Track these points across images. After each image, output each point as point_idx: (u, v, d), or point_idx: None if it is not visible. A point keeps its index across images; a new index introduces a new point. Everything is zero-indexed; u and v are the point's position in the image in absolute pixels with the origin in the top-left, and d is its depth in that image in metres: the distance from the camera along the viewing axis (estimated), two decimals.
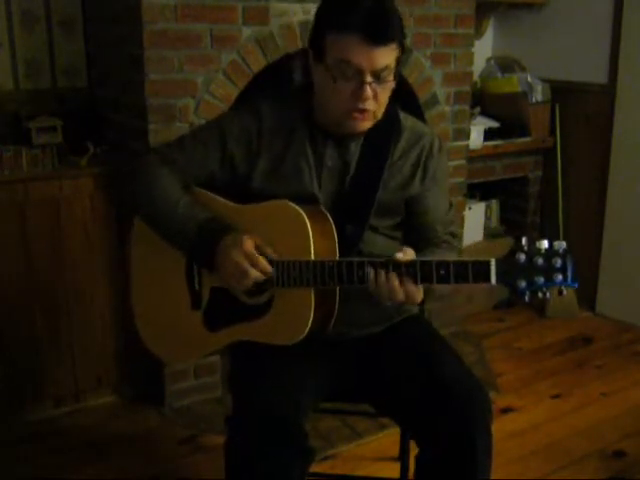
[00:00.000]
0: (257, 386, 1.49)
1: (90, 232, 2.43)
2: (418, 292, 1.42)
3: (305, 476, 1.49)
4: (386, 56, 1.43)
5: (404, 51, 1.50)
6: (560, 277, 1.30)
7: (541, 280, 1.31)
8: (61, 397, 2.51)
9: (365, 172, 1.58)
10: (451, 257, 1.46)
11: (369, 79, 1.43)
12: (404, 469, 1.91)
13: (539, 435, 2.43)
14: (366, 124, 1.51)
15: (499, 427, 2.34)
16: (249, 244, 1.47)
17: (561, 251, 1.30)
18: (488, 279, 1.34)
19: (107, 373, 2.56)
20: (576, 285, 1.32)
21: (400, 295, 1.40)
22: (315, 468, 2.09)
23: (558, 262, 1.30)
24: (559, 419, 2.53)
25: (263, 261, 1.47)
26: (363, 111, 1.47)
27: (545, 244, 1.31)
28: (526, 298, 1.34)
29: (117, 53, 2.42)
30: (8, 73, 2.53)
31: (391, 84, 1.49)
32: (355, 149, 1.58)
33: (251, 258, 1.46)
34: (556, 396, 2.69)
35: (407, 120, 1.64)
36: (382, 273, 1.40)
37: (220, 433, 1.49)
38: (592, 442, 2.38)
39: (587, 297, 3.44)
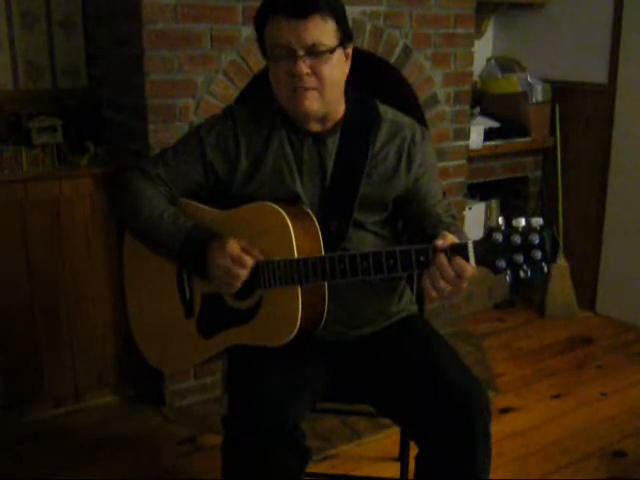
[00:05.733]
0: (253, 386, 1.49)
1: (90, 232, 2.43)
2: (467, 267, 1.32)
3: (302, 476, 1.49)
4: (314, 30, 1.43)
5: (341, 24, 1.47)
6: (539, 253, 1.27)
7: (520, 258, 1.28)
8: (61, 397, 2.51)
9: (346, 166, 1.57)
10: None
11: (300, 53, 1.43)
12: (404, 469, 1.91)
13: (539, 435, 2.43)
14: (311, 104, 1.48)
15: (499, 427, 2.35)
16: (233, 246, 1.48)
17: (538, 227, 1.27)
18: (467, 261, 1.32)
19: (107, 373, 2.57)
20: (555, 260, 1.28)
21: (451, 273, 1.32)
22: (315, 468, 2.10)
23: (536, 239, 1.26)
24: (559, 419, 2.53)
25: (248, 259, 1.47)
26: (304, 89, 1.45)
27: (522, 222, 1.28)
28: (507, 278, 1.31)
29: (117, 53, 2.42)
30: (8, 73, 2.53)
31: (331, 58, 1.46)
32: (333, 144, 1.58)
33: (236, 259, 1.47)
34: (556, 396, 2.69)
35: (387, 112, 1.63)
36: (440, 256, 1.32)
37: (220, 433, 1.48)
38: (592, 442, 2.38)
39: (587, 297, 3.44)
